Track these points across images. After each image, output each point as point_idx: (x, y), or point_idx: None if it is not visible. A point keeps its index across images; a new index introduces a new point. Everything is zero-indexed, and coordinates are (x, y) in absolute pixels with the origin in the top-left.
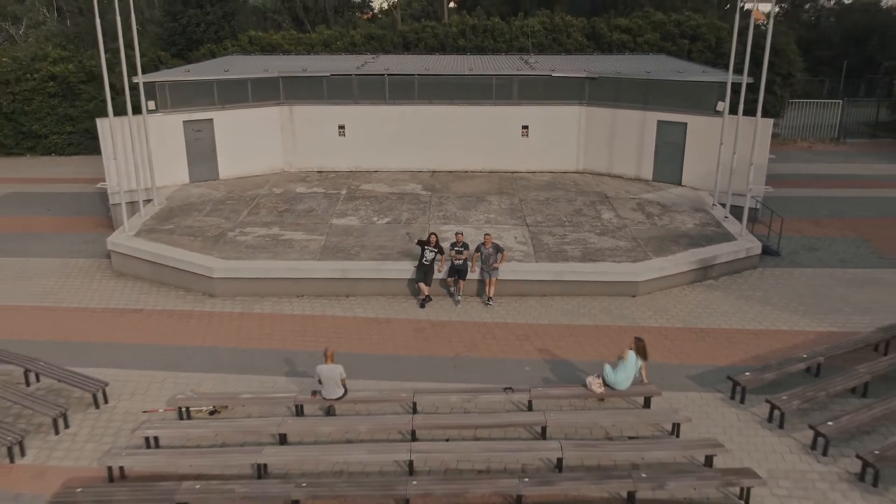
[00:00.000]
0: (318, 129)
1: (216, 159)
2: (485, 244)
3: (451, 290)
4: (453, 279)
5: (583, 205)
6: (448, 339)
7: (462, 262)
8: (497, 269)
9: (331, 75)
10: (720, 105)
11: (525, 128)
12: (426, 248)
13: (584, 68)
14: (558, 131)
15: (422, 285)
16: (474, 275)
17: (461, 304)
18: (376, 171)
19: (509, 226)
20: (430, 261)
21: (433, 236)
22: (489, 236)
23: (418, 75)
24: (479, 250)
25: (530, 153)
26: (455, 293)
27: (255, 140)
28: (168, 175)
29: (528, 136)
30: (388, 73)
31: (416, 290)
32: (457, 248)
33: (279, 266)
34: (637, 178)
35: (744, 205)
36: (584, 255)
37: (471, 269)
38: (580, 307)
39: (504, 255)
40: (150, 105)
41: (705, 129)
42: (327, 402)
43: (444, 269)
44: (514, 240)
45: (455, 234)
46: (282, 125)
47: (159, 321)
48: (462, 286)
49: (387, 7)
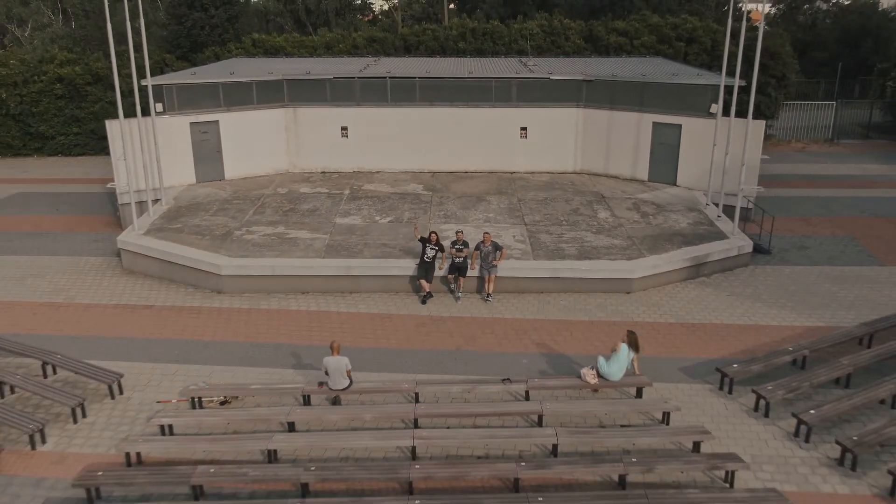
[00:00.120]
0: (321, 131)
1: (222, 160)
2: (484, 242)
3: (452, 286)
4: (454, 276)
5: (580, 204)
6: (449, 334)
7: (462, 259)
8: (496, 266)
9: (334, 78)
10: (713, 107)
11: (524, 129)
12: (427, 246)
13: (582, 71)
14: (556, 133)
15: (423, 282)
16: (474, 272)
17: (461, 301)
18: (378, 172)
19: (508, 225)
20: (431, 258)
21: (434, 234)
22: (488, 235)
23: (419, 78)
24: (478, 248)
25: (529, 154)
26: (455, 290)
27: (260, 141)
28: (175, 175)
29: (526, 138)
30: (390, 76)
31: (418, 286)
32: (457, 246)
33: (285, 263)
34: (633, 178)
35: (736, 204)
36: (580, 253)
37: (471, 267)
38: (576, 303)
39: (503, 252)
40: (158, 107)
41: (699, 130)
42: (333, 393)
43: (445, 267)
44: (513, 238)
45: (455, 233)
46: (286, 127)
47: (169, 317)
48: (462, 283)
49: (387, 8)
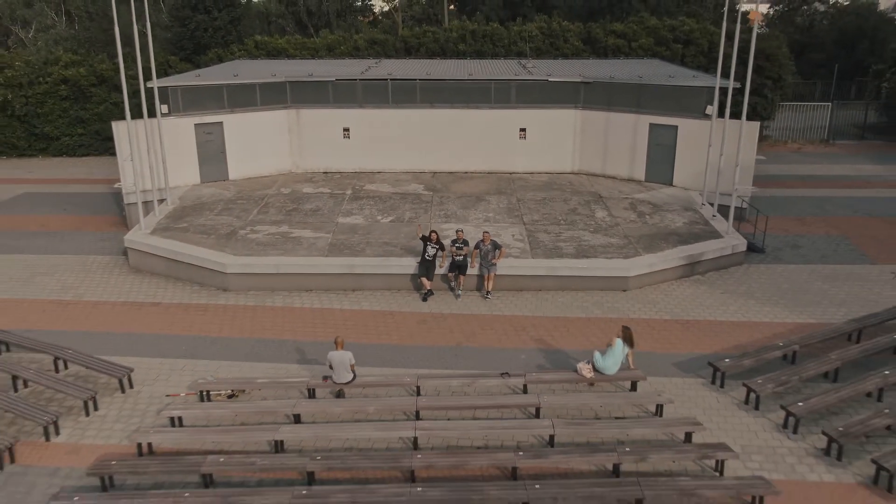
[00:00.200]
0: (323, 132)
1: (226, 161)
2: (483, 241)
3: (452, 284)
4: (454, 274)
5: (577, 204)
6: (449, 330)
7: (462, 257)
8: (495, 264)
9: (336, 80)
10: (709, 109)
11: (523, 130)
12: (428, 245)
13: (580, 73)
14: (554, 134)
15: (424, 280)
16: (474, 270)
17: (461, 298)
18: (380, 172)
19: (507, 224)
20: (431, 257)
21: (434, 233)
22: (488, 234)
23: (420, 80)
24: (478, 247)
25: (527, 155)
26: (455, 287)
27: (264, 142)
28: (180, 176)
29: (525, 139)
30: (391, 78)
31: (419, 284)
32: (457, 245)
33: (289, 262)
34: (630, 178)
35: (730, 204)
36: (578, 252)
37: (470, 265)
38: (574, 301)
39: (502, 251)
40: (164, 109)
41: (695, 131)
42: (338, 386)
43: (445, 265)
44: (512, 237)
45: (456, 232)
46: (289, 128)
47: (176, 314)
48: (462, 281)
49: (387, 9)
